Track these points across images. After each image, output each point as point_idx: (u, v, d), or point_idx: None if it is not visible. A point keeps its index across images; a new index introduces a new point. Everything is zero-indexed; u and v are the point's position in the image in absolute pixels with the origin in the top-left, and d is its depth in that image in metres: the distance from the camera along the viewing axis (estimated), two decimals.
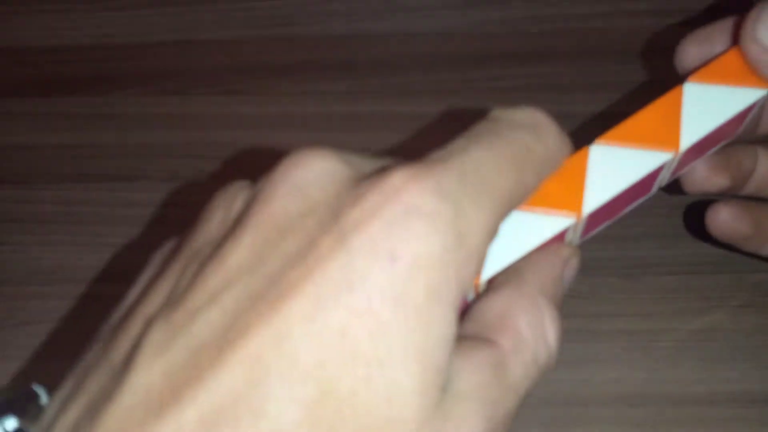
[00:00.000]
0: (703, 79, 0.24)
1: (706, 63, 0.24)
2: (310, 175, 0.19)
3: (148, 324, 0.18)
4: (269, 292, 0.16)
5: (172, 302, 0.18)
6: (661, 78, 0.42)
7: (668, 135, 0.23)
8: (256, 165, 0.42)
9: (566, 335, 0.23)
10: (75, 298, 0.38)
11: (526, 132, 0.20)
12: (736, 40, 0.25)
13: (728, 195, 0.29)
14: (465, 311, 0.21)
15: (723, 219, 0.29)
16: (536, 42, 0.45)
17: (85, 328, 0.36)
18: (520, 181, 0.19)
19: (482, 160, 0.19)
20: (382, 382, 0.16)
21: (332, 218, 0.17)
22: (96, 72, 0.46)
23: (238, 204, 0.20)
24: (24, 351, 0.36)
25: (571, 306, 0.35)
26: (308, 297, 0.16)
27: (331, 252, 0.16)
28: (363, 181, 0.18)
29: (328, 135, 0.43)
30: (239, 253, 0.17)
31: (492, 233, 0.18)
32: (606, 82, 0.43)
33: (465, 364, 0.18)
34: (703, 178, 0.27)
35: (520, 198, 0.20)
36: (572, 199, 0.22)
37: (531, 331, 0.19)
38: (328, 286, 0.16)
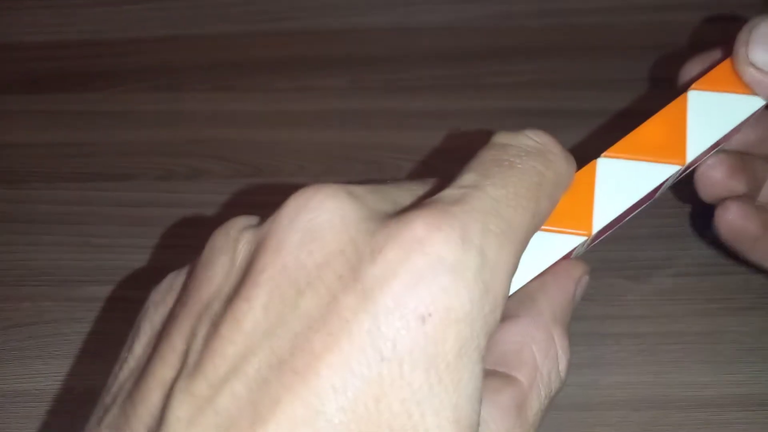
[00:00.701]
0: (707, 86, 0.23)
1: (707, 69, 0.24)
2: (322, 217, 0.17)
3: (169, 395, 0.17)
4: (294, 360, 0.16)
5: (190, 369, 0.17)
6: (665, 74, 0.42)
7: (674, 146, 0.23)
8: (256, 164, 0.41)
9: (572, 338, 0.23)
10: (68, 300, 0.37)
11: (536, 159, 0.20)
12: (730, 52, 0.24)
13: None
14: None
15: (732, 216, 0.28)
16: (538, 37, 0.45)
17: (79, 330, 0.36)
18: (537, 212, 0.19)
19: (500, 199, 0.18)
20: None
21: (352, 272, 0.16)
22: (88, 68, 0.45)
23: (242, 249, 0.19)
24: (15, 353, 0.36)
25: (576, 309, 0.35)
26: (337, 368, 0.15)
27: (356, 315, 0.16)
28: (380, 227, 0.17)
29: (326, 132, 0.43)
30: (255, 314, 0.16)
31: (514, 272, 0.18)
32: (609, 78, 0.43)
33: (492, 410, 0.18)
34: (720, 181, 0.27)
35: (537, 228, 0.19)
36: (582, 216, 0.22)
37: (547, 366, 0.20)
38: (357, 356, 0.15)
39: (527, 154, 0.20)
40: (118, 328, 0.36)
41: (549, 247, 0.21)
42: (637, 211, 0.24)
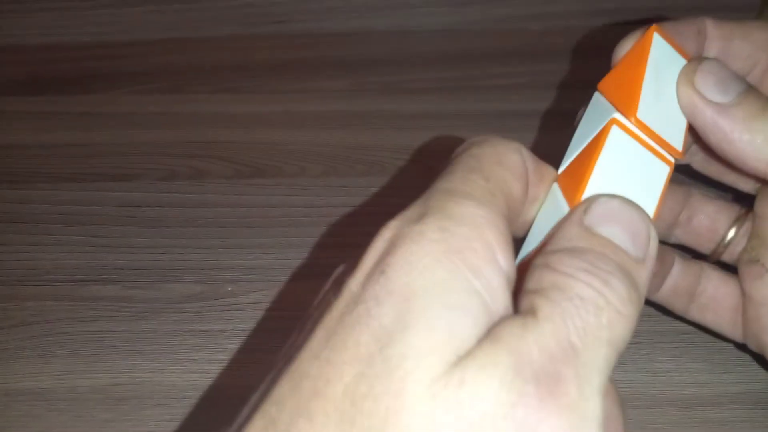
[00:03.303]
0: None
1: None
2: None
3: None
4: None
5: None
6: None
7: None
8: (257, 165, 0.41)
9: None
10: (71, 299, 0.37)
11: (470, 150, 0.21)
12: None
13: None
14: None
15: None
16: (537, 40, 0.45)
17: (82, 329, 0.36)
18: (486, 175, 0.20)
19: (450, 182, 0.20)
20: None
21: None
22: (91, 70, 0.45)
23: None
24: (18, 352, 0.36)
25: None
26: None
27: (338, 307, 0.18)
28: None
29: (327, 133, 0.43)
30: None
31: (491, 218, 0.19)
32: None
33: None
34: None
35: (501, 186, 0.20)
36: None
37: (543, 281, 0.18)
38: None
39: (461, 152, 0.21)
40: (121, 328, 0.36)
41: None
42: None
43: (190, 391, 0.33)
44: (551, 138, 0.41)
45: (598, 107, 0.24)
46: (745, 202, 0.31)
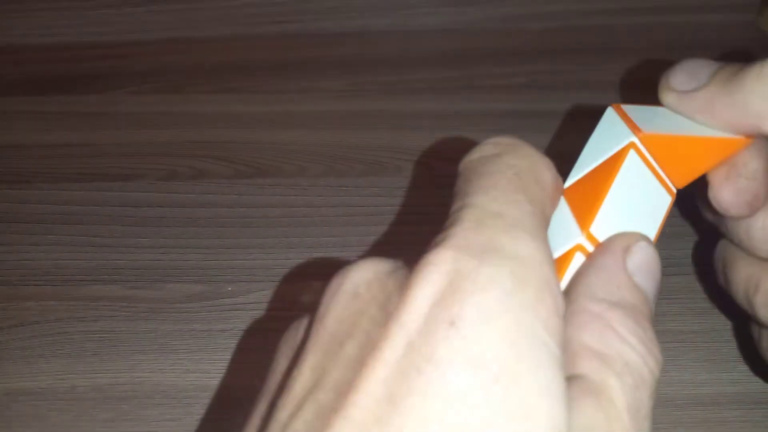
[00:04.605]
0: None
1: None
2: (357, 276, 0.18)
3: None
4: (336, 401, 0.16)
5: None
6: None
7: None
8: (258, 165, 0.41)
9: None
10: (72, 299, 0.37)
11: (502, 158, 0.19)
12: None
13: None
14: None
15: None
16: (537, 39, 0.45)
17: (83, 329, 0.36)
18: (532, 198, 0.18)
19: (487, 204, 0.18)
20: None
21: (380, 310, 0.17)
22: (92, 70, 0.45)
23: (299, 337, 0.19)
24: (19, 352, 0.36)
25: None
26: (374, 391, 0.16)
27: (387, 340, 0.16)
28: (405, 268, 0.18)
29: (326, 133, 0.43)
30: (303, 376, 0.17)
31: (546, 260, 0.17)
32: (607, 80, 0.43)
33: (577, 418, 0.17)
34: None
35: (547, 213, 0.19)
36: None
37: (613, 348, 0.18)
38: (394, 376, 0.16)
39: (492, 158, 0.19)
40: (122, 328, 0.36)
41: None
42: None
43: (190, 390, 0.33)
44: (551, 138, 0.41)
45: (612, 126, 0.24)
46: None
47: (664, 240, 0.37)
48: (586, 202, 0.21)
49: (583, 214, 0.21)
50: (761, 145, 0.25)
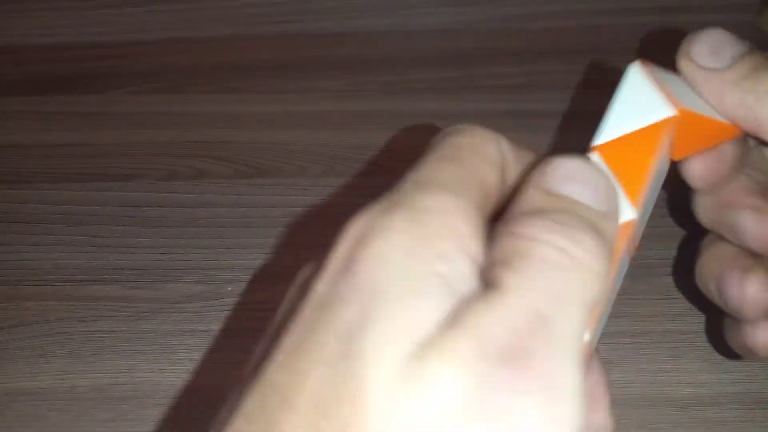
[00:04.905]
0: None
1: None
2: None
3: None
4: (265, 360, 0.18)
5: None
6: None
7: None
8: (258, 165, 0.41)
9: None
10: (72, 299, 0.37)
11: (448, 138, 0.20)
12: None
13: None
14: None
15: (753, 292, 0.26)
16: (537, 39, 0.45)
17: (83, 329, 0.36)
18: (462, 165, 0.19)
19: (424, 170, 0.19)
20: None
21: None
22: (92, 70, 0.45)
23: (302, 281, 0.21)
24: (19, 352, 0.36)
25: None
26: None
27: (307, 306, 0.18)
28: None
29: (326, 133, 0.43)
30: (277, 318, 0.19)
31: (464, 208, 0.18)
32: (607, 80, 0.43)
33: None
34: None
35: (477, 176, 0.19)
36: None
37: (506, 248, 0.17)
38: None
39: (440, 139, 0.20)
40: (122, 328, 0.36)
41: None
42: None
43: (190, 390, 0.33)
44: (551, 138, 0.41)
45: (644, 89, 0.24)
46: None
47: (665, 240, 0.37)
48: (629, 172, 0.21)
49: (631, 188, 0.21)
50: (744, 136, 0.26)
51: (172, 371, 0.34)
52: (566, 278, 0.16)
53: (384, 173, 0.41)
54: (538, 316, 0.16)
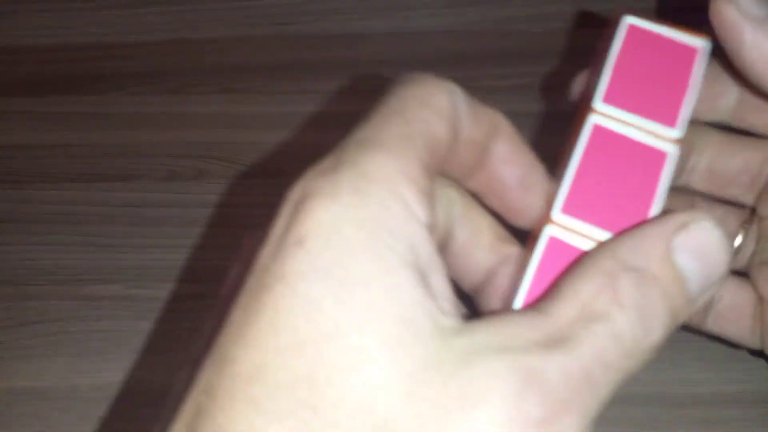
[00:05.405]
0: None
1: None
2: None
3: None
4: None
5: None
6: None
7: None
8: (258, 165, 0.42)
9: None
10: (73, 299, 0.37)
11: (395, 90, 0.20)
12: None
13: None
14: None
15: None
16: (538, 41, 0.45)
17: (84, 328, 0.36)
18: (407, 119, 0.19)
19: (367, 127, 0.19)
20: None
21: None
22: (93, 71, 0.45)
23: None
24: (21, 351, 0.36)
25: None
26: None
27: (251, 280, 0.17)
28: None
29: (327, 134, 0.43)
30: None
31: (404, 169, 0.17)
32: None
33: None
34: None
35: (422, 130, 0.19)
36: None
37: (601, 302, 0.17)
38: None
39: (389, 92, 0.20)
40: (123, 327, 0.36)
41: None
42: None
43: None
44: (551, 139, 0.41)
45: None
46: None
47: None
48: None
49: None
50: None
51: (174, 370, 0.34)
52: (623, 358, 0.17)
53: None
54: (588, 376, 0.16)
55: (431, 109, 0.19)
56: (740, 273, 0.29)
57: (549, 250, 0.19)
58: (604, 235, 0.19)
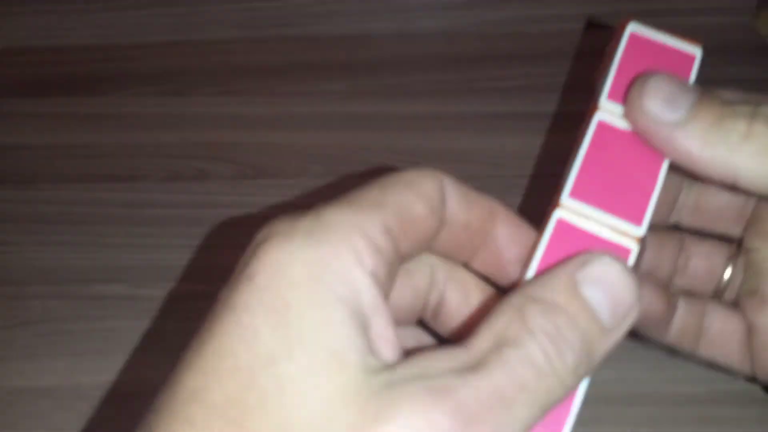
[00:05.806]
0: None
1: None
2: None
3: None
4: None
5: None
6: None
7: None
8: (259, 166, 0.42)
9: None
10: (75, 298, 0.38)
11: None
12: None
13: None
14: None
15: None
16: (535, 43, 0.46)
17: (86, 327, 0.36)
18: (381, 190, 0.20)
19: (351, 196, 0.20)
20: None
21: None
22: (95, 72, 0.45)
23: None
24: (24, 351, 0.36)
25: None
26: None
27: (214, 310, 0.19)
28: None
29: (327, 134, 0.43)
30: None
31: (361, 225, 0.19)
32: None
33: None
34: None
35: (380, 201, 0.20)
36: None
37: (509, 330, 0.18)
38: None
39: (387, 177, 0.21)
40: (125, 327, 0.36)
41: None
42: None
43: None
44: (550, 139, 0.41)
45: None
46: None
47: None
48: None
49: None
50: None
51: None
52: (538, 379, 0.18)
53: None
54: (503, 398, 0.17)
55: (413, 190, 0.20)
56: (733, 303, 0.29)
57: (557, 231, 0.21)
58: (606, 217, 0.21)
